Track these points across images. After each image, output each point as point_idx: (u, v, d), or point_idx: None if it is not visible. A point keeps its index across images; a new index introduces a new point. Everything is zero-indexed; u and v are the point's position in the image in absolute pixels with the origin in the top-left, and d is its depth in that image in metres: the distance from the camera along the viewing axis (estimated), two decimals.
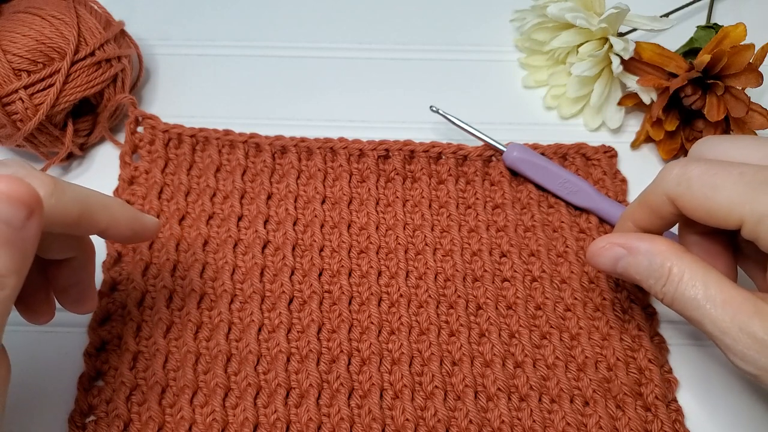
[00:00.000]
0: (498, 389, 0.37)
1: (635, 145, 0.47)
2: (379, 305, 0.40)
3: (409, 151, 0.44)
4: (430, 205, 0.43)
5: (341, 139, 0.45)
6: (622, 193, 0.44)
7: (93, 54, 0.42)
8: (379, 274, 0.41)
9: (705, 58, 0.42)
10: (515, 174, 0.44)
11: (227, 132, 0.45)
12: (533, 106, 0.50)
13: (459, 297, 0.40)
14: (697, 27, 0.48)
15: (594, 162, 0.45)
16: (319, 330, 0.39)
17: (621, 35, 0.47)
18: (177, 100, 0.49)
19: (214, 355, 0.38)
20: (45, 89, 0.41)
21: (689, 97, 0.43)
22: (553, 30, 0.48)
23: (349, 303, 0.40)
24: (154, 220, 0.33)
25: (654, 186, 0.33)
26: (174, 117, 0.46)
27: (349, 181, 0.44)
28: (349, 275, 0.41)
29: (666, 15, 0.50)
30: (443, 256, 0.42)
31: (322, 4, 0.55)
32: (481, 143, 0.44)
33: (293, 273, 0.41)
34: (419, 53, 0.52)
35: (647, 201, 0.34)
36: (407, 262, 0.41)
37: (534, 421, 0.36)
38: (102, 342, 0.38)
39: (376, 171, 0.44)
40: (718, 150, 0.33)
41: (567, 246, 0.42)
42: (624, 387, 0.37)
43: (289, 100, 0.49)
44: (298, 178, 0.44)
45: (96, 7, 0.46)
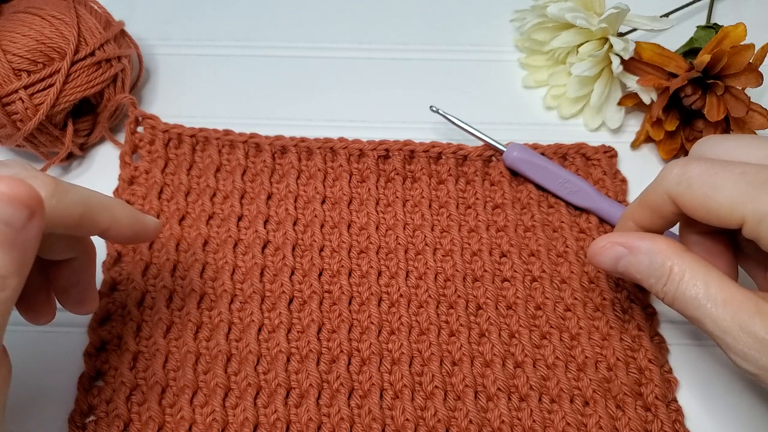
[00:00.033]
0: (498, 389, 0.37)
1: (635, 145, 0.47)
2: (379, 305, 0.40)
3: (409, 151, 0.44)
4: (430, 205, 0.43)
5: (341, 139, 0.45)
6: (622, 193, 0.44)
7: (93, 54, 0.42)
8: (379, 274, 0.41)
9: (705, 58, 0.42)
10: (515, 174, 0.44)
11: (227, 132, 0.45)
12: (533, 106, 0.50)
13: (459, 297, 0.40)
14: (697, 27, 0.48)
15: (594, 162, 0.45)
16: (319, 330, 0.39)
17: (621, 35, 0.47)
18: (177, 100, 0.49)
19: (214, 355, 0.38)
20: (45, 89, 0.41)
21: (689, 97, 0.43)
22: (553, 30, 0.48)
23: (349, 303, 0.40)
24: (155, 220, 0.33)
25: (655, 185, 0.33)
26: (174, 117, 0.46)
27: (349, 181, 0.44)
28: (349, 275, 0.41)
29: (666, 15, 0.50)
30: (443, 256, 0.41)
31: (322, 4, 0.55)
32: (481, 143, 0.44)
33: (293, 273, 0.41)
34: (419, 53, 0.52)
35: (648, 200, 0.34)
36: (407, 262, 0.41)
37: (534, 421, 0.36)
38: (102, 342, 0.38)
39: (376, 171, 0.44)
40: (719, 149, 0.33)
41: (567, 246, 0.42)
42: (624, 387, 0.37)
43: (289, 100, 0.49)
44: (298, 178, 0.44)
45: (96, 7, 0.46)
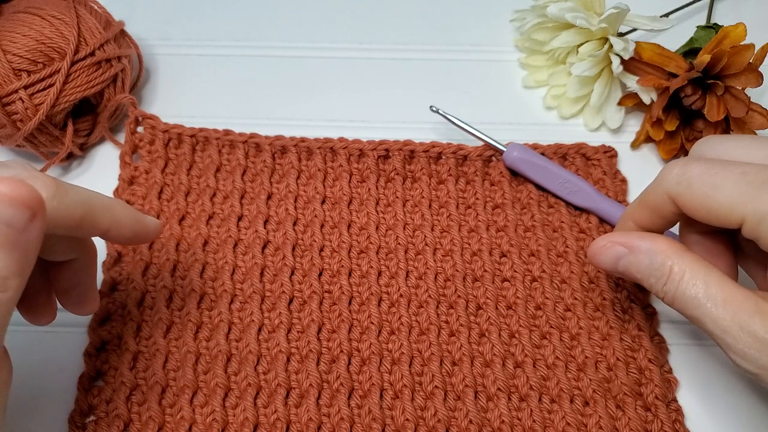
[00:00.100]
0: (498, 389, 0.37)
1: (635, 145, 0.47)
2: (379, 305, 0.40)
3: (409, 151, 0.44)
4: (430, 205, 0.43)
5: (341, 139, 0.45)
6: (622, 193, 0.44)
7: (93, 54, 0.42)
8: (379, 274, 0.41)
9: (705, 58, 0.42)
10: (515, 174, 0.44)
11: (227, 132, 0.45)
12: (533, 106, 0.50)
13: (459, 297, 0.40)
14: (697, 27, 0.48)
15: (594, 162, 0.45)
16: (319, 330, 0.39)
17: (621, 35, 0.47)
18: (177, 100, 0.49)
19: (214, 355, 0.38)
20: (45, 89, 0.41)
21: (689, 97, 0.43)
22: (553, 30, 0.48)
23: (349, 303, 0.40)
24: (155, 221, 0.33)
25: (655, 185, 0.33)
26: (174, 117, 0.46)
27: (349, 181, 0.44)
28: (349, 275, 0.41)
29: (666, 15, 0.50)
30: (443, 256, 0.41)
31: (322, 4, 0.55)
32: (481, 143, 0.44)
33: (293, 273, 0.41)
34: (419, 53, 0.52)
35: (648, 200, 0.34)
36: (407, 262, 0.41)
37: (534, 421, 0.36)
38: (102, 342, 0.38)
39: (376, 171, 0.44)
40: (719, 149, 0.33)
41: (567, 246, 0.42)
42: (624, 387, 0.37)
43: (289, 100, 0.49)
44: (298, 178, 0.44)
45: (96, 7, 0.46)
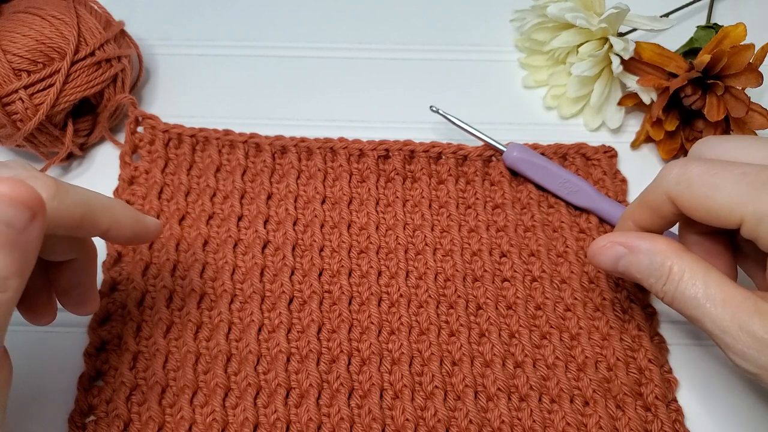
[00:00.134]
0: (498, 389, 0.37)
1: (635, 145, 0.47)
2: (379, 305, 0.40)
3: (409, 151, 0.44)
4: (430, 205, 0.43)
5: (341, 139, 0.45)
6: (622, 193, 0.44)
7: (93, 54, 0.42)
8: (379, 274, 0.41)
9: (705, 58, 0.42)
10: (515, 174, 0.44)
11: (227, 132, 0.45)
12: (533, 106, 0.50)
13: (459, 297, 0.40)
14: (697, 27, 0.48)
15: (594, 162, 0.45)
16: (319, 330, 0.39)
17: (621, 35, 0.47)
18: (177, 100, 0.49)
19: (214, 355, 0.38)
20: (45, 89, 0.41)
21: (689, 97, 0.43)
22: (553, 30, 0.48)
23: (349, 303, 0.40)
24: (155, 221, 0.33)
25: (654, 185, 0.33)
26: (174, 117, 0.46)
27: (349, 181, 0.44)
28: (349, 275, 0.41)
29: (666, 15, 0.50)
30: (443, 256, 0.41)
31: (322, 4, 0.55)
32: (481, 143, 0.44)
33: (293, 273, 0.41)
34: (419, 53, 0.52)
35: (647, 200, 0.34)
36: (407, 262, 0.41)
37: (534, 421, 0.36)
38: (102, 342, 0.38)
39: (376, 171, 0.44)
40: (718, 150, 0.33)
41: (567, 246, 0.42)
42: (624, 387, 0.37)
43: (289, 100, 0.49)
44: (298, 178, 0.44)
45: (96, 7, 0.46)
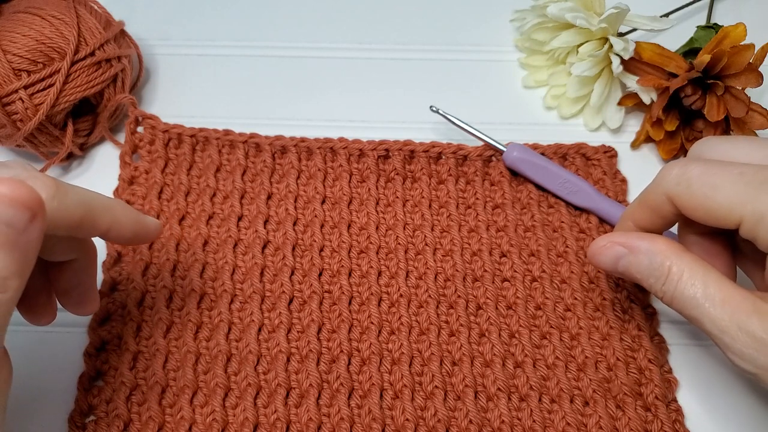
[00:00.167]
0: (498, 389, 0.37)
1: (635, 145, 0.47)
2: (379, 305, 0.40)
3: (409, 151, 0.44)
4: (430, 205, 0.43)
5: (341, 139, 0.45)
6: (622, 193, 0.44)
7: (93, 54, 0.42)
8: (379, 274, 0.41)
9: (705, 58, 0.42)
10: (515, 174, 0.44)
11: (227, 132, 0.45)
12: (533, 106, 0.50)
13: (459, 297, 0.40)
14: (697, 27, 0.48)
15: (594, 162, 0.45)
16: (319, 330, 0.39)
17: (621, 35, 0.47)
18: (177, 100, 0.49)
19: (214, 355, 0.38)
20: (45, 89, 0.41)
21: (689, 97, 0.43)
22: (553, 30, 0.48)
23: (349, 303, 0.40)
24: (155, 221, 0.33)
25: (653, 186, 0.33)
26: (174, 117, 0.46)
27: (349, 181, 0.44)
28: (349, 275, 0.41)
29: (666, 15, 0.50)
30: (443, 256, 0.41)
31: (322, 4, 0.55)
32: (481, 143, 0.44)
33: (293, 273, 0.41)
34: (419, 53, 0.52)
35: (647, 201, 0.34)
36: (407, 262, 0.41)
37: (534, 421, 0.36)
38: (102, 342, 0.38)
39: (376, 171, 0.44)
40: (717, 150, 0.33)
41: (567, 246, 0.42)
42: (624, 387, 0.37)
43: (289, 100, 0.49)
44: (298, 178, 0.44)
45: (96, 7, 0.46)
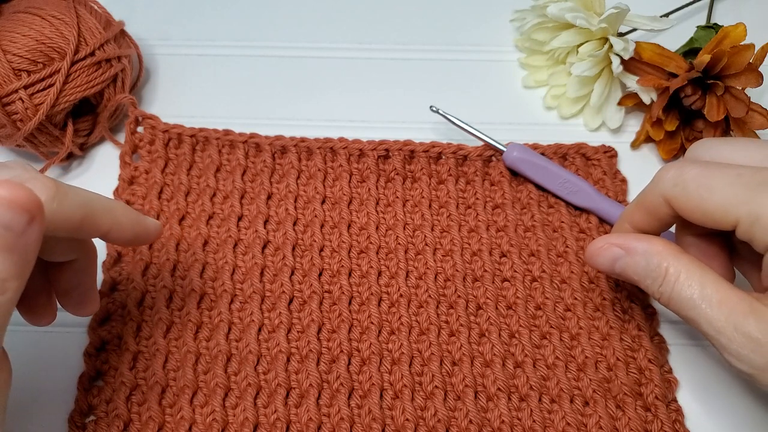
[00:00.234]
0: (498, 389, 0.37)
1: (635, 145, 0.47)
2: (379, 305, 0.40)
3: (409, 151, 0.44)
4: (430, 205, 0.43)
5: (341, 139, 0.45)
6: (622, 193, 0.44)
7: (93, 54, 0.42)
8: (379, 274, 0.41)
9: (705, 58, 0.42)
10: (515, 174, 0.44)
11: (227, 132, 0.45)
12: (533, 106, 0.50)
13: (459, 297, 0.40)
14: (697, 27, 0.48)
15: (594, 162, 0.45)
16: (319, 330, 0.39)
17: (621, 35, 0.47)
18: (177, 100, 0.49)
19: (214, 355, 0.38)
20: (45, 89, 0.41)
21: (689, 97, 0.43)
22: (553, 30, 0.48)
23: (349, 303, 0.40)
24: (155, 223, 0.33)
25: (650, 187, 0.33)
26: (174, 117, 0.46)
27: (349, 181, 0.44)
28: (349, 275, 0.41)
29: (666, 15, 0.50)
30: (443, 256, 0.42)
31: (322, 4, 0.55)
32: (481, 143, 0.44)
33: (293, 273, 0.41)
34: (419, 53, 0.52)
35: (644, 202, 0.34)
36: (407, 262, 0.41)
37: (534, 421, 0.36)
38: (102, 342, 0.38)
39: (376, 171, 0.44)
40: (714, 152, 0.33)
41: (567, 246, 0.42)
42: (624, 387, 0.37)
43: (289, 100, 0.49)
44: (298, 178, 0.44)
45: (96, 7, 0.46)
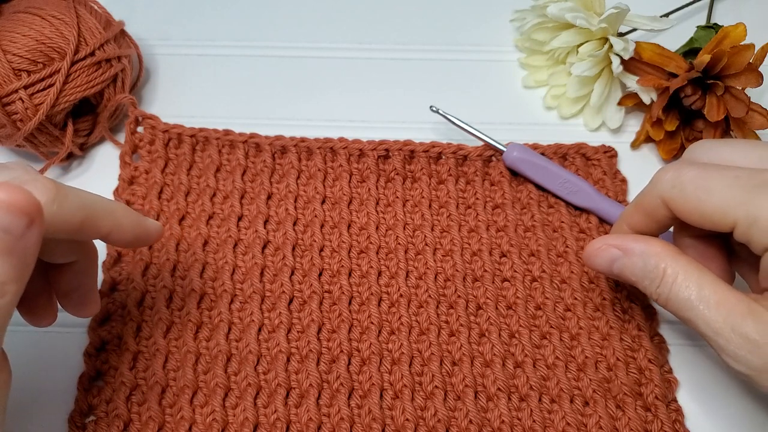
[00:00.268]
0: (498, 389, 0.37)
1: (635, 145, 0.47)
2: (379, 305, 0.40)
3: (409, 151, 0.44)
4: (430, 205, 0.43)
5: (341, 139, 0.45)
6: (622, 193, 0.44)
7: (93, 54, 0.42)
8: (379, 274, 0.41)
9: (705, 58, 0.42)
10: (515, 174, 0.44)
11: (227, 132, 0.45)
12: (533, 106, 0.50)
13: (459, 297, 0.40)
14: (697, 27, 0.48)
15: (594, 162, 0.45)
16: (319, 330, 0.39)
17: (621, 35, 0.47)
18: (177, 100, 0.49)
19: (214, 355, 0.38)
20: (45, 89, 0.41)
21: (689, 97, 0.43)
22: (553, 30, 0.48)
23: (349, 303, 0.40)
24: (157, 224, 0.33)
25: (648, 189, 0.33)
26: (174, 117, 0.46)
27: (349, 181, 0.44)
28: (349, 275, 0.41)
29: (666, 15, 0.50)
30: (443, 256, 0.41)
31: (322, 4, 0.55)
32: (481, 143, 0.44)
33: (293, 273, 0.41)
34: (419, 53, 0.52)
35: (642, 204, 0.34)
36: (407, 262, 0.41)
37: (534, 421, 0.36)
38: (102, 342, 0.38)
39: (376, 171, 0.44)
40: (712, 154, 0.33)
41: (567, 246, 0.42)
42: (624, 387, 0.37)
43: (289, 100, 0.49)
44: (298, 178, 0.44)
45: (96, 7, 0.46)
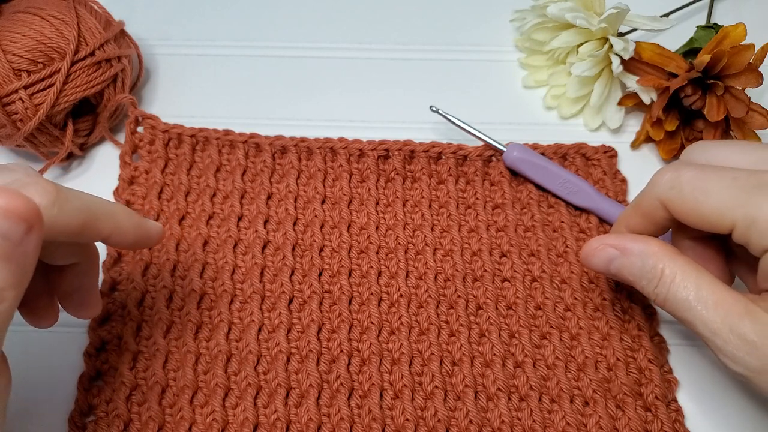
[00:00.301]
0: (498, 389, 0.37)
1: (635, 145, 0.47)
2: (379, 305, 0.40)
3: (409, 151, 0.44)
4: (430, 205, 0.43)
5: (341, 139, 0.45)
6: (622, 193, 0.44)
7: (93, 54, 0.42)
8: (379, 274, 0.41)
9: (705, 58, 0.42)
10: (515, 174, 0.44)
11: (227, 132, 0.45)
12: (533, 106, 0.50)
13: (459, 297, 0.40)
14: (697, 27, 0.48)
15: (594, 162, 0.45)
16: (319, 330, 0.39)
17: (621, 35, 0.47)
18: (177, 100, 0.49)
19: (214, 355, 0.38)
20: (45, 89, 0.41)
21: (689, 97, 0.43)
22: (553, 30, 0.48)
23: (349, 303, 0.40)
24: (158, 226, 0.33)
25: (647, 191, 0.33)
26: (174, 117, 0.46)
27: (349, 181, 0.44)
28: (349, 275, 0.41)
29: (666, 15, 0.50)
30: (443, 256, 0.41)
31: (322, 4, 0.55)
32: (481, 143, 0.44)
33: (293, 273, 0.41)
34: (419, 53, 0.52)
35: (640, 206, 0.34)
36: (407, 262, 0.41)
37: (534, 421, 0.36)
38: (102, 342, 0.38)
39: (376, 171, 0.44)
40: (710, 155, 0.33)
41: (567, 246, 0.42)
42: (624, 387, 0.37)
43: (289, 100, 0.49)
44: (298, 178, 0.44)
45: (96, 7, 0.46)
